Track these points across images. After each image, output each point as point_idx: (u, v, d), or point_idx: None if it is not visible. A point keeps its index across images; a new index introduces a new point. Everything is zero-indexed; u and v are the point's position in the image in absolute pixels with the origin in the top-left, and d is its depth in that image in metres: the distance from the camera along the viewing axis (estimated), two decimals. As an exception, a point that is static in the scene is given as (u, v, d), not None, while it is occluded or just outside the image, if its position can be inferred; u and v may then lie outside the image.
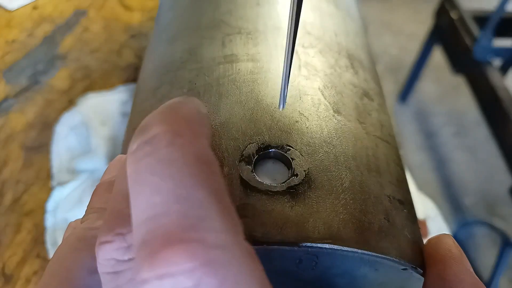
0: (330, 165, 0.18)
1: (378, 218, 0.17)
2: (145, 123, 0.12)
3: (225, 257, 0.10)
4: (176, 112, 0.12)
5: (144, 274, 0.10)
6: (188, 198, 0.11)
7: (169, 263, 0.10)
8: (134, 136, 0.12)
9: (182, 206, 0.11)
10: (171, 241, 0.10)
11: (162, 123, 0.12)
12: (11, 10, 0.54)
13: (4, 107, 0.45)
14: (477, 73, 0.98)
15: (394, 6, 1.70)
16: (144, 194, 0.11)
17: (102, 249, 0.12)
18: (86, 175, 0.42)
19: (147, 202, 0.11)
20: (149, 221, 0.11)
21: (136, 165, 0.12)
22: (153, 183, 0.11)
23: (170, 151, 0.11)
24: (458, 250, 0.17)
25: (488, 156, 1.21)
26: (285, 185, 0.17)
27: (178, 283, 0.10)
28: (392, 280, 0.18)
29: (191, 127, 0.12)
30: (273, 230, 0.15)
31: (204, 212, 0.11)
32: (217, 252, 0.10)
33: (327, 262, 0.16)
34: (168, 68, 0.23)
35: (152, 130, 0.12)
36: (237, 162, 0.17)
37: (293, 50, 0.17)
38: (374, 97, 0.23)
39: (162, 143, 0.11)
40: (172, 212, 0.10)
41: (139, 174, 0.11)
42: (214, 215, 0.11)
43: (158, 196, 0.11)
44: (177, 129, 0.12)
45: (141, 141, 0.12)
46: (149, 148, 0.11)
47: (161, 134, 0.12)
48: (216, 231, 0.10)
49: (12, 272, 0.35)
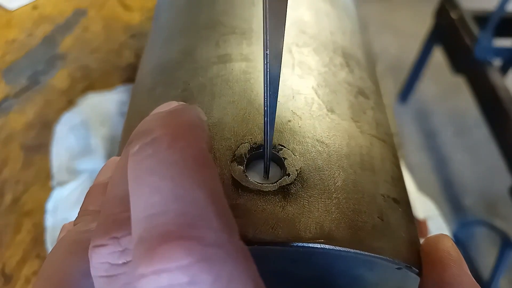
0: (323, 164, 0.18)
1: (372, 217, 0.17)
2: (147, 126, 0.13)
3: (220, 255, 0.10)
4: (177, 117, 0.13)
5: (141, 269, 0.10)
6: (186, 198, 0.11)
7: (166, 259, 0.10)
8: (136, 138, 0.13)
9: (180, 205, 0.11)
10: (169, 238, 0.10)
11: (164, 126, 0.12)
12: (11, 10, 0.54)
13: (4, 107, 0.45)
14: (477, 73, 0.98)
15: (394, 6, 1.70)
16: (143, 193, 0.11)
17: (96, 252, 0.13)
18: (85, 175, 0.42)
19: (146, 201, 0.11)
20: (148, 219, 0.11)
21: (137, 166, 0.12)
22: (153, 183, 0.11)
23: (170, 153, 0.12)
24: (457, 252, 0.17)
25: (488, 156, 1.20)
26: (277, 185, 0.17)
27: (174, 279, 0.10)
28: (388, 280, 0.18)
29: (191, 132, 0.12)
30: (265, 230, 0.15)
31: (201, 212, 0.11)
32: (213, 249, 0.10)
33: (321, 262, 0.16)
34: (164, 68, 0.23)
35: (153, 132, 0.12)
36: (229, 162, 0.17)
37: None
38: (370, 95, 0.23)
39: (163, 145, 0.12)
40: (170, 211, 0.11)
41: (140, 174, 0.12)
42: (211, 215, 0.11)
43: (157, 196, 0.11)
44: (178, 133, 0.12)
45: (143, 143, 0.12)
46: (150, 150, 0.12)
47: (162, 136, 0.12)
48: (212, 230, 0.11)
49: (12, 272, 0.35)
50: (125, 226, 0.12)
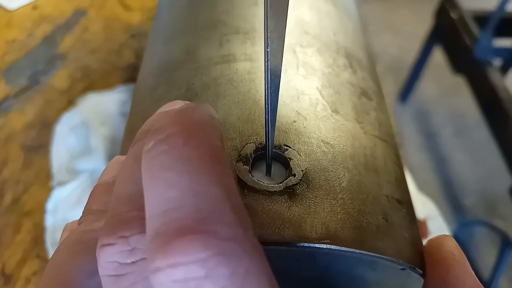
0: (328, 165, 0.18)
1: (376, 218, 0.17)
2: (161, 123, 0.13)
3: (237, 249, 0.10)
4: (190, 115, 0.13)
5: (157, 262, 0.10)
6: (202, 193, 0.11)
7: (183, 252, 0.10)
8: (148, 136, 0.13)
9: (197, 200, 0.11)
10: (185, 232, 0.10)
11: (179, 123, 0.12)
12: (11, 10, 0.54)
13: (4, 107, 0.45)
14: (477, 73, 0.98)
15: (394, 6, 1.70)
16: (159, 189, 0.11)
17: (104, 251, 0.13)
18: (86, 175, 0.42)
19: (162, 196, 0.11)
20: (164, 214, 0.11)
21: (152, 162, 0.12)
22: (168, 178, 0.11)
23: (186, 149, 0.12)
24: (460, 253, 0.17)
25: (488, 156, 1.20)
26: (282, 185, 0.16)
27: (190, 272, 0.10)
28: (391, 280, 0.18)
29: (205, 129, 0.13)
30: (270, 231, 0.15)
31: (217, 207, 0.11)
32: (229, 244, 0.10)
33: (325, 262, 0.16)
34: (166, 68, 0.23)
35: (168, 129, 0.12)
36: (234, 162, 0.17)
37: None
38: (372, 96, 0.23)
39: (179, 142, 0.12)
40: (187, 205, 0.11)
41: (155, 170, 0.12)
42: (226, 210, 0.11)
43: (173, 191, 0.11)
44: (193, 130, 0.12)
45: (157, 140, 0.12)
46: (165, 146, 0.12)
47: (177, 133, 0.12)
48: (229, 225, 0.11)
49: (12, 272, 0.35)
50: (133, 225, 0.12)
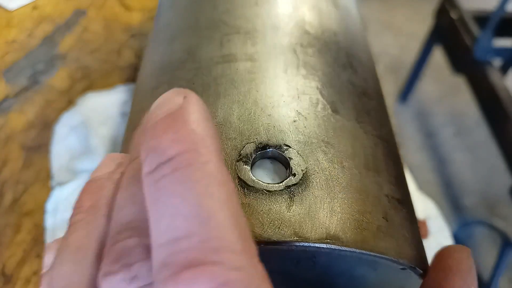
0: (328, 164, 0.18)
1: (376, 217, 0.17)
2: (158, 143, 0.12)
3: (243, 278, 0.11)
4: (185, 123, 0.12)
5: None
6: (209, 221, 0.11)
7: (191, 283, 0.10)
8: (149, 154, 0.12)
9: (203, 229, 0.11)
10: (193, 263, 0.11)
11: (177, 142, 0.12)
12: (11, 10, 0.54)
13: (4, 107, 0.45)
14: (477, 73, 0.98)
15: (394, 6, 1.70)
16: (165, 216, 0.11)
17: (107, 279, 0.13)
18: (85, 175, 0.42)
19: (168, 224, 0.11)
20: (171, 244, 0.11)
21: (155, 186, 0.12)
22: (174, 205, 0.11)
23: (190, 172, 0.12)
24: (468, 265, 0.17)
25: (488, 156, 1.20)
26: (282, 185, 0.16)
27: None
28: (392, 280, 0.18)
29: (204, 143, 0.12)
30: (270, 230, 0.15)
31: (224, 235, 0.11)
32: (235, 273, 0.11)
33: (325, 262, 0.16)
34: (167, 68, 0.23)
35: (168, 150, 0.12)
36: (234, 161, 0.17)
37: None
38: (373, 96, 0.23)
39: (181, 164, 0.12)
40: (194, 235, 0.11)
41: (159, 195, 0.12)
42: (233, 238, 0.11)
43: (179, 219, 0.11)
44: (193, 148, 0.12)
45: (159, 162, 0.12)
46: (168, 169, 0.12)
47: (179, 155, 0.12)
48: (235, 253, 0.11)
49: (12, 272, 0.35)
50: (136, 253, 0.13)
